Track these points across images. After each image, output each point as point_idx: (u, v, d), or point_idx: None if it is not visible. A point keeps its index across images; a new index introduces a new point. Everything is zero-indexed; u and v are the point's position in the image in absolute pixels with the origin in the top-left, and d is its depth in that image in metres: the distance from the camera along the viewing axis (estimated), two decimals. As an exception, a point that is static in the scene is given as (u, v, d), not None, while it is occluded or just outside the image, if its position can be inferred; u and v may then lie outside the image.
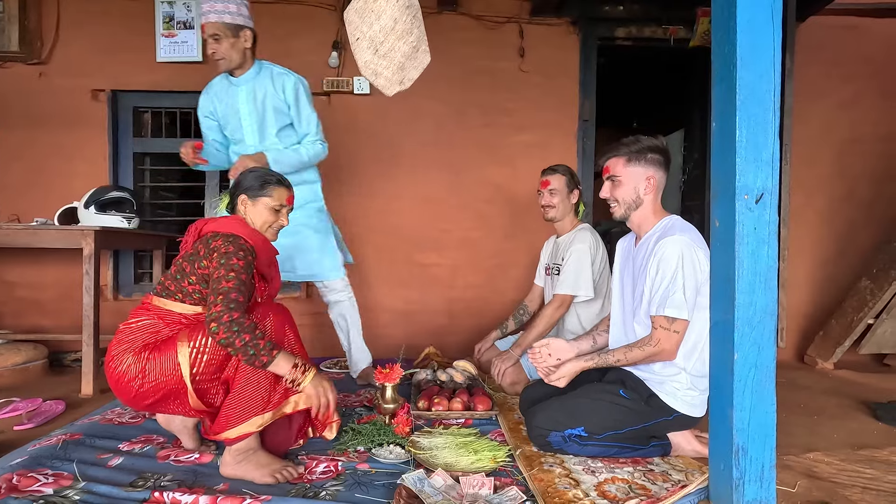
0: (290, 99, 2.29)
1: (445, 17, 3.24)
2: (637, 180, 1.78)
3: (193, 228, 1.68)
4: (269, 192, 1.72)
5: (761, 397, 1.25)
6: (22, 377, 2.65)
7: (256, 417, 1.52)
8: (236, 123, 2.31)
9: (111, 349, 1.55)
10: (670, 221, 1.78)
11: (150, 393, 1.51)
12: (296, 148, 2.29)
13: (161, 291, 1.62)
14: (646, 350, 1.69)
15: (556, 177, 2.44)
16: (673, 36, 3.33)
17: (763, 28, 1.22)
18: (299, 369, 1.54)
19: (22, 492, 1.38)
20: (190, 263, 1.59)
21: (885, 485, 1.58)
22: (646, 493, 1.46)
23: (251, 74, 2.29)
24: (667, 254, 1.66)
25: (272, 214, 1.73)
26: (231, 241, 1.57)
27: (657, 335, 1.68)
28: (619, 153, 1.80)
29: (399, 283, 3.30)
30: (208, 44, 2.19)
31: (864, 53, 3.39)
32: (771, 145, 1.23)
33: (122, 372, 1.50)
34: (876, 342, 3.05)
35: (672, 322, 1.66)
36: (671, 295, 1.64)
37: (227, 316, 1.44)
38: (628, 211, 1.81)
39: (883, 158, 3.42)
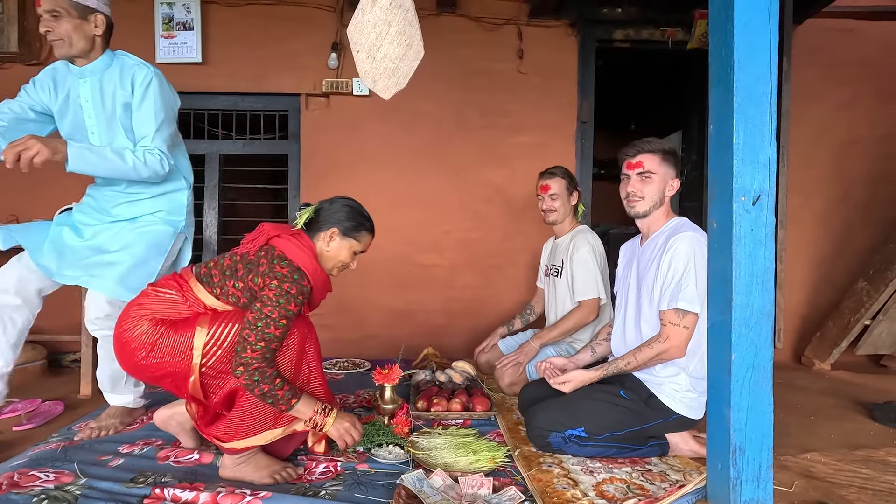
0: (138, 92, 1.87)
1: (444, 18, 3.25)
2: (666, 180, 1.79)
3: (264, 234, 1.62)
4: (359, 237, 1.70)
5: (758, 397, 1.26)
6: (20, 378, 2.64)
7: (267, 432, 1.51)
8: (77, 122, 1.92)
9: (130, 308, 1.52)
10: (679, 221, 1.79)
11: (153, 367, 1.48)
12: (121, 151, 1.81)
13: (203, 276, 1.57)
14: (655, 348, 1.69)
15: (555, 181, 2.44)
16: (671, 38, 3.35)
17: (760, 31, 1.23)
18: (320, 414, 1.54)
19: (23, 487, 1.39)
20: (245, 270, 1.54)
21: (882, 485, 1.59)
22: (644, 493, 1.47)
23: (99, 66, 1.89)
24: (679, 249, 1.67)
25: (349, 257, 1.70)
26: (296, 280, 1.51)
27: (665, 331, 1.68)
28: (654, 149, 1.78)
29: (398, 284, 3.30)
30: (42, 20, 1.80)
31: (861, 56, 3.41)
32: (768, 147, 1.24)
33: (133, 337, 1.47)
34: (872, 343, 3.06)
35: (682, 317, 1.66)
36: (683, 289, 1.65)
37: (258, 364, 1.43)
38: (652, 209, 1.80)
39: (879, 160, 3.44)
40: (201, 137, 3.38)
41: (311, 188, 3.26)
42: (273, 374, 1.45)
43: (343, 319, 3.28)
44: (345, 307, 3.28)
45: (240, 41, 3.19)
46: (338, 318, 3.28)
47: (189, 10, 3.11)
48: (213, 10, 3.16)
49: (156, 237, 1.95)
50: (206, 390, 1.53)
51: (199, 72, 3.17)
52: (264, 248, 1.59)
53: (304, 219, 1.68)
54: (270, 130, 3.40)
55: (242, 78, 3.20)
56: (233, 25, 3.17)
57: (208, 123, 3.39)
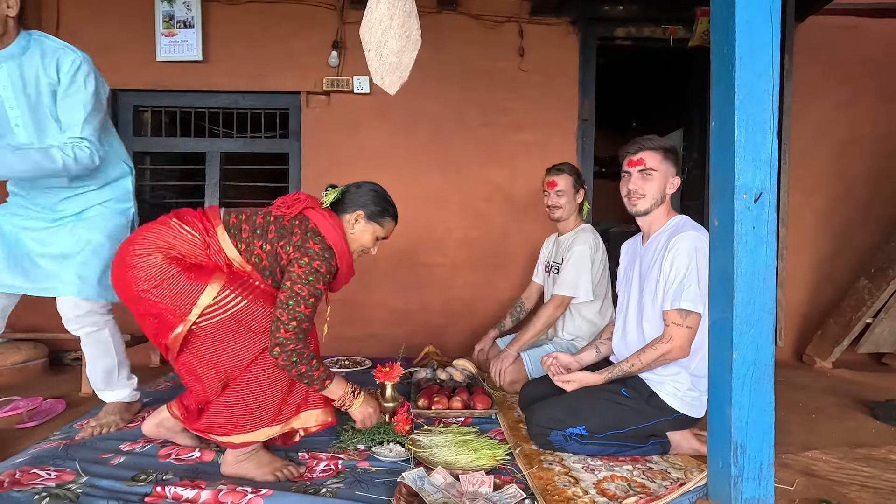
0: (65, 78, 1.69)
1: (445, 16, 3.25)
2: (667, 177, 1.79)
3: (301, 203, 1.59)
4: (383, 223, 1.70)
5: (760, 395, 1.26)
6: (22, 376, 2.65)
7: (266, 429, 1.51)
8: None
9: (148, 232, 1.48)
10: (681, 220, 1.79)
11: (147, 303, 1.44)
12: (47, 150, 1.64)
13: (231, 226, 1.53)
14: (658, 349, 1.68)
15: (562, 177, 2.44)
16: (672, 36, 3.34)
17: (762, 28, 1.23)
18: (349, 395, 1.57)
19: (25, 485, 1.39)
20: (277, 234, 1.52)
21: (883, 483, 1.58)
22: (645, 491, 1.47)
23: (16, 50, 1.69)
24: (681, 248, 1.67)
25: (371, 242, 1.71)
26: (326, 258, 1.52)
27: (669, 332, 1.67)
28: (655, 147, 1.77)
29: (398, 283, 3.30)
30: None
31: (863, 54, 3.40)
32: (769, 145, 1.24)
33: (141, 266, 1.43)
34: (874, 341, 3.06)
35: (686, 317, 1.65)
36: (686, 288, 1.64)
37: (293, 345, 1.43)
38: (653, 206, 1.79)
39: (881, 158, 3.43)
40: (202, 136, 3.38)
41: (311, 186, 3.25)
42: (310, 355, 1.46)
43: (344, 317, 3.28)
44: (346, 305, 3.27)
45: (240, 39, 3.18)
46: (339, 316, 3.27)
47: (189, 8, 3.11)
48: (213, 8, 3.16)
49: (114, 230, 1.87)
50: (182, 346, 1.48)
51: (199, 70, 3.17)
52: (298, 217, 1.57)
53: (331, 199, 1.67)
54: (271, 129, 3.40)
55: (243, 76, 3.20)
56: (233, 23, 3.17)
57: (209, 122, 3.39)
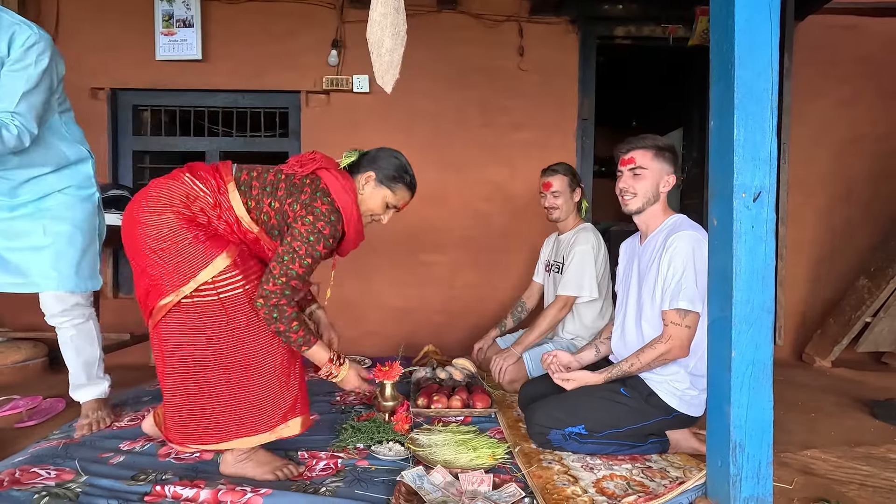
0: (15, 54, 1.59)
1: (445, 15, 3.24)
2: (660, 176, 1.78)
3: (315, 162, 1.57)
4: (394, 189, 1.65)
5: (758, 394, 1.26)
6: (22, 375, 2.65)
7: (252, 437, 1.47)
8: None
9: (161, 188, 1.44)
10: (678, 219, 1.78)
11: (148, 262, 1.41)
12: None
13: (242, 184, 1.50)
14: (658, 348, 1.68)
15: (557, 178, 2.44)
16: (672, 35, 3.34)
17: (761, 27, 1.23)
18: (334, 364, 1.55)
19: (25, 484, 1.39)
20: (286, 192, 1.50)
21: (882, 481, 1.59)
22: (644, 490, 1.47)
23: None
24: (679, 248, 1.67)
25: (381, 208, 1.67)
26: (332, 221, 1.48)
27: (668, 332, 1.67)
28: (647, 145, 1.77)
29: (398, 282, 3.31)
30: None
31: (863, 53, 3.40)
32: (769, 144, 1.24)
33: (150, 223, 1.40)
34: (873, 340, 3.06)
35: (684, 316, 1.66)
36: (683, 288, 1.64)
37: (276, 300, 1.40)
38: (645, 205, 1.79)
39: (881, 158, 3.43)
40: (201, 135, 3.38)
41: (311, 186, 3.26)
42: (291, 316, 1.43)
43: (343, 316, 3.28)
44: (345, 304, 3.28)
45: (240, 38, 3.18)
46: (338, 315, 3.25)
47: (189, 7, 3.11)
48: (213, 7, 3.15)
49: (83, 220, 1.81)
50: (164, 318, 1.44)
51: (199, 69, 3.16)
52: (311, 176, 1.55)
53: (348, 161, 1.64)
54: (271, 128, 3.40)
55: (243, 75, 3.19)
56: (233, 22, 3.17)
57: (208, 121, 3.38)
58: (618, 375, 1.75)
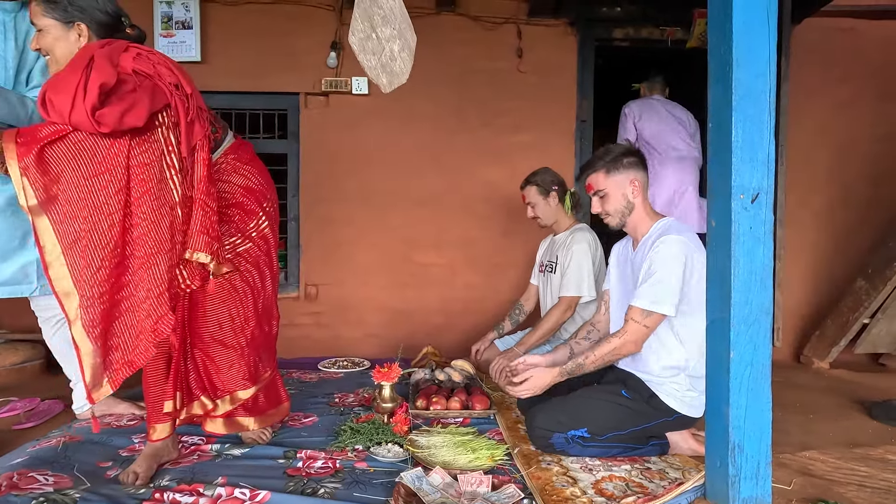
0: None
1: (443, 17, 3.25)
2: (623, 187, 1.81)
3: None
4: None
5: (757, 395, 1.26)
6: (19, 377, 2.64)
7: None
8: None
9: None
10: (667, 223, 1.79)
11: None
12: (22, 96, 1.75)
13: None
14: (612, 342, 1.72)
15: (527, 189, 2.49)
16: (670, 37, 3.35)
17: (758, 29, 1.24)
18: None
19: (23, 490, 1.39)
20: None
21: (880, 482, 1.59)
22: (643, 491, 1.47)
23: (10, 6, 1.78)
24: (662, 250, 1.69)
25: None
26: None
27: (626, 327, 1.71)
28: (596, 168, 1.83)
29: (397, 283, 3.30)
30: None
31: (861, 55, 3.41)
32: (766, 145, 1.25)
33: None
34: (871, 342, 3.06)
35: (646, 316, 1.68)
36: (654, 287, 1.67)
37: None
38: (623, 218, 1.84)
39: (879, 160, 3.44)
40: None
41: (310, 187, 3.26)
42: None
43: (342, 318, 3.28)
44: (344, 306, 3.28)
45: (239, 40, 3.18)
46: (337, 317, 3.28)
47: (188, 9, 3.11)
48: (212, 9, 3.15)
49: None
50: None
51: (198, 71, 3.16)
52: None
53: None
54: (270, 129, 3.40)
55: (242, 77, 3.19)
56: (232, 24, 3.17)
57: (207, 122, 3.38)
58: (574, 370, 1.75)
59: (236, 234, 1.65)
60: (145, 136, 1.37)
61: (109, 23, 1.51)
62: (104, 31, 1.50)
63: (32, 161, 1.27)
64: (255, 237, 1.69)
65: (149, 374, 1.55)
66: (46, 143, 1.29)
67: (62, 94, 1.28)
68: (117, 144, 1.33)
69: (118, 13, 1.53)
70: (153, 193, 1.36)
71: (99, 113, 1.27)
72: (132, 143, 1.35)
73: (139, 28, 1.60)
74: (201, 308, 1.58)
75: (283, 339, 3.17)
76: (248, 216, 1.68)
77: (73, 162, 1.30)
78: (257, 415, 1.72)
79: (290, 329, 3.20)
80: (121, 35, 1.52)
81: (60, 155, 1.30)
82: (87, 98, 1.27)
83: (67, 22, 1.46)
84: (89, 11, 1.48)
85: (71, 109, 1.27)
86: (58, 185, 1.30)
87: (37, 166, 1.27)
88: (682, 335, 1.73)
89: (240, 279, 1.64)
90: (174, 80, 1.42)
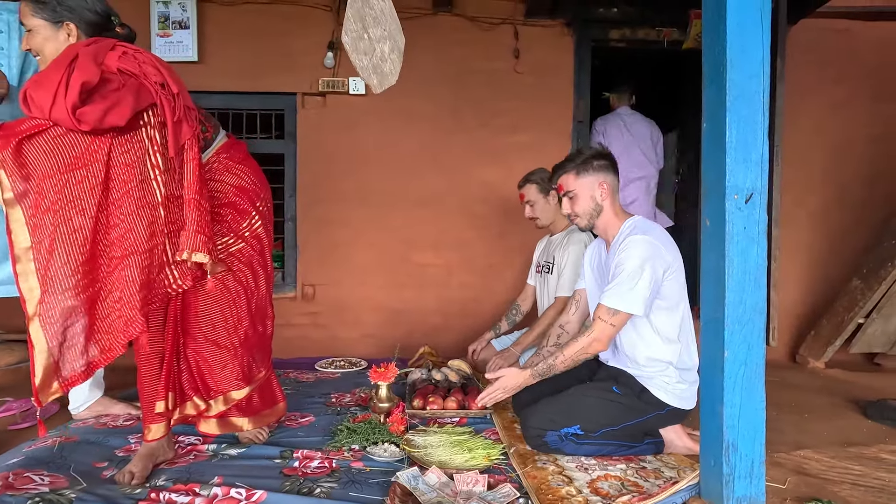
0: None
1: (440, 17, 3.25)
2: (592, 189, 1.84)
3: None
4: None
5: (751, 394, 1.27)
6: (15, 377, 2.63)
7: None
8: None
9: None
10: (633, 223, 1.83)
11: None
12: None
13: None
14: (580, 342, 1.74)
15: (526, 188, 2.49)
16: (666, 38, 3.36)
17: (752, 30, 1.24)
18: None
19: (18, 490, 1.38)
20: None
21: (874, 481, 1.60)
22: (638, 490, 1.48)
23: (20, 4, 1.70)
24: (628, 250, 1.71)
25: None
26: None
27: (593, 326, 1.74)
28: (567, 169, 1.87)
29: (394, 283, 3.31)
30: None
31: (855, 56, 3.43)
32: (760, 145, 1.25)
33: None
34: (866, 341, 3.08)
35: (613, 315, 1.70)
36: (620, 286, 1.69)
37: None
38: (591, 220, 1.86)
39: (874, 161, 3.46)
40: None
41: (308, 187, 3.26)
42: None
43: (339, 319, 3.28)
44: (341, 306, 3.28)
45: (236, 40, 3.18)
46: (334, 318, 3.28)
47: (185, 9, 3.11)
48: (209, 9, 3.15)
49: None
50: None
51: (195, 71, 3.15)
52: None
53: None
54: (267, 130, 3.39)
55: (239, 77, 3.19)
56: (229, 24, 3.16)
57: (204, 122, 3.37)
58: (544, 371, 1.78)
59: (229, 233, 1.65)
60: (128, 136, 1.37)
61: (99, 22, 1.51)
62: (93, 30, 1.50)
63: (10, 154, 1.27)
64: (248, 237, 1.68)
65: (143, 374, 1.54)
66: (25, 136, 1.29)
67: (43, 90, 1.28)
68: (97, 142, 1.33)
69: (107, 12, 1.53)
70: (133, 194, 1.36)
71: (80, 111, 1.28)
72: (114, 143, 1.35)
73: (129, 27, 1.59)
74: (194, 308, 1.58)
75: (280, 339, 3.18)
76: (241, 216, 1.67)
77: (50, 155, 1.31)
78: (251, 415, 1.72)
79: (287, 329, 3.20)
80: (110, 34, 1.52)
81: (38, 148, 1.30)
82: (67, 95, 1.27)
83: (56, 22, 1.46)
84: (78, 11, 1.48)
85: (52, 105, 1.27)
86: (33, 179, 1.29)
87: (14, 159, 1.27)
88: (663, 330, 1.76)
89: (233, 279, 1.63)
90: (160, 79, 1.42)
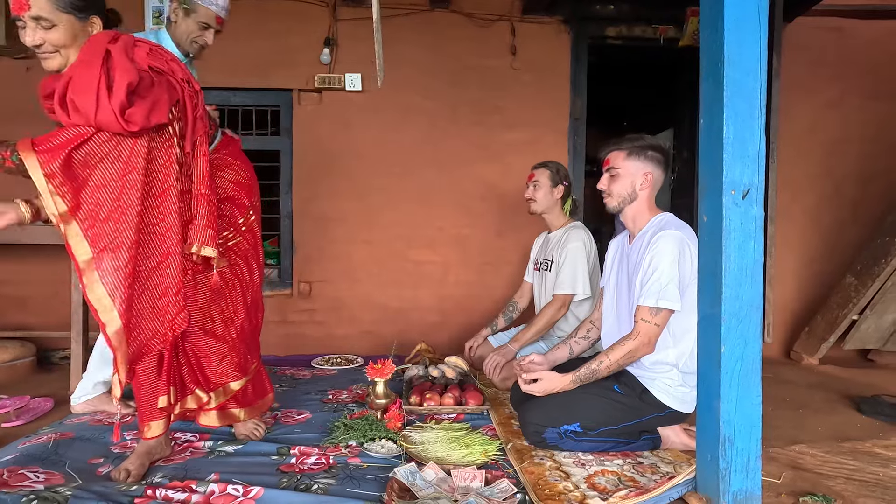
0: None
1: (437, 14, 3.24)
2: (635, 175, 1.80)
3: None
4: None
5: (747, 389, 1.28)
6: (9, 375, 2.62)
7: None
8: None
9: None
10: (664, 218, 1.80)
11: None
12: None
13: None
14: (626, 345, 1.69)
15: (540, 170, 2.49)
16: (663, 35, 3.36)
17: (750, 26, 1.25)
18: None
19: (13, 487, 1.38)
20: None
21: (868, 476, 1.61)
22: (635, 485, 1.49)
23: None
24: (661, 246, 1.68)
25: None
26: None
27: (637, 328, 1.70)
28: (621, 147, 1.83)
29: (391, 280, 3.30)
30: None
31: (850, 54, 3.44)
32: (757, 141, 1.26)
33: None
34: (860, 338, 3.10)
35: (656, 314, 1.67)
36: (658, 286, 1.66)
37: None
38: (622, 204, 1.82)
39: (869, 158, 3.47)
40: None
41: (304, 184, 3.25)
42: None
43: (336, 316, 3.28)
44: (338, 303, 3.27)
45: (232, 36, 3.12)
46: (330, 315, 3.27)
47: (180, 5, 3.08)
48: (204, 5, 3.13)
49: None
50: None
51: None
52: None
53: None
54: (262, 126, 3.38)
55: (234, 73, 3.17)
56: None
57: (199, 119, 3.35)
58: (587, 376, 1.73)
59: (229, 227, 1.65)
60: (160, 134, 1.36)
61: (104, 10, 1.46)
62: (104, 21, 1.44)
63: (58, 167, 1.24)
64: (244, 231, 1.70)
65: (140, 371, 1.54)
66: (72, 147, 1.26)
67: (84, 94, 1.24)
68: (139, 143, 1.32)
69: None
70: (170, 193, 1.37)
71: (129, 112, 1.25)
72: (151, 144, 1.34)
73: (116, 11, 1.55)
74: (192, 302, 1.58)
75: (277, 335, 3.20)
76: (239, 210, 1.69)
77: (102, 164, 1.29)
78: (246, 406, 1.73)
79: (284, 326, 3.19)
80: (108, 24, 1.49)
81: (87, 158, 1.28)
82: (113, 97, 1.24)
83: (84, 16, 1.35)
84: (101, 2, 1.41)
85: (97, 109, 1.23)
86: (86, 190, 1.28)
87: (63, 172, 1.24)
88: (676, 332, 1.74)
89: (230, 272, 1.64)
90: (185, 76, 1.42)
